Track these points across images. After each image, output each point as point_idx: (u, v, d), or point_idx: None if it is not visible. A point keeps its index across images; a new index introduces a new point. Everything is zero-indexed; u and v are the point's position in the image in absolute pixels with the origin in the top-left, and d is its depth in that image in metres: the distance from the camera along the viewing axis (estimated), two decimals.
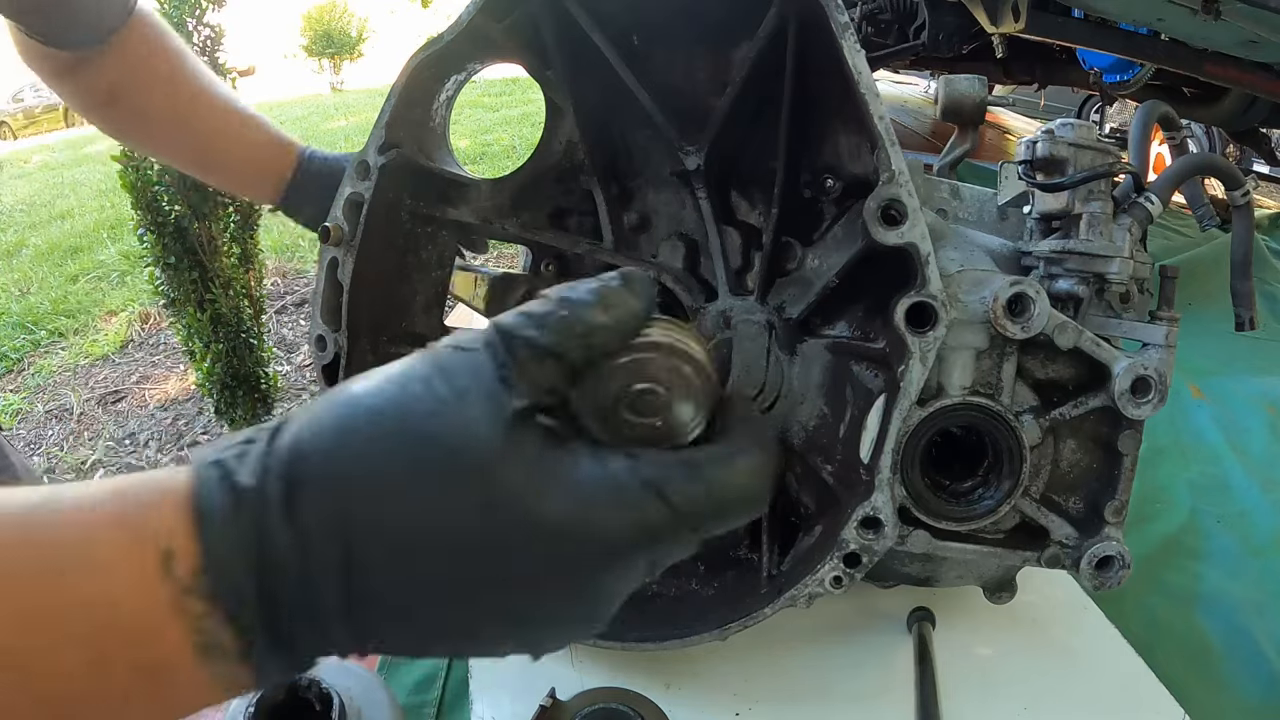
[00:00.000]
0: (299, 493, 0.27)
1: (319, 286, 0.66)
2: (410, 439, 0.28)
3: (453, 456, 0.28)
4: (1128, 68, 2.22)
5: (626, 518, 0.29)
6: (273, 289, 3.61)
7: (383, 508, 0.28)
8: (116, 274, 4.38)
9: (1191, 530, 0.89)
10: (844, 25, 0.52)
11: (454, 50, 0.63)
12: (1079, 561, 0.56)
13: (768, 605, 0.57)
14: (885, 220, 0.52)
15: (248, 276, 2.50)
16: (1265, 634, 0.75)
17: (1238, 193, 0.63)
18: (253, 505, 0.27)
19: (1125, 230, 0.56)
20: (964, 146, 0.71)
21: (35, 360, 3.59)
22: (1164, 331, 0.53)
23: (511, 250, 3.30)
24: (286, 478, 0.28)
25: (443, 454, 0.28)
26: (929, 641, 0.65)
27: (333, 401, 0.29)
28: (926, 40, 2.23)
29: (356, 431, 0.28)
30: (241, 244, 2.47)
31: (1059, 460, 0.58)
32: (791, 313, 0.67)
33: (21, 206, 6.13)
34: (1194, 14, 1.39)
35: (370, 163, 0.63)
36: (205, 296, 2.34)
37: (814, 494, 0.66)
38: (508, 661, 0.69)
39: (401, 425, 0.28)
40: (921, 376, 0.52)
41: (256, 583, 0.27)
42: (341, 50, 15.86)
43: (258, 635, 0.27)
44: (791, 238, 0.67)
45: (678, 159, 0.66)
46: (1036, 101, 4.15)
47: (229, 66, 2.41)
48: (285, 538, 0.27)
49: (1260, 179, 3.74)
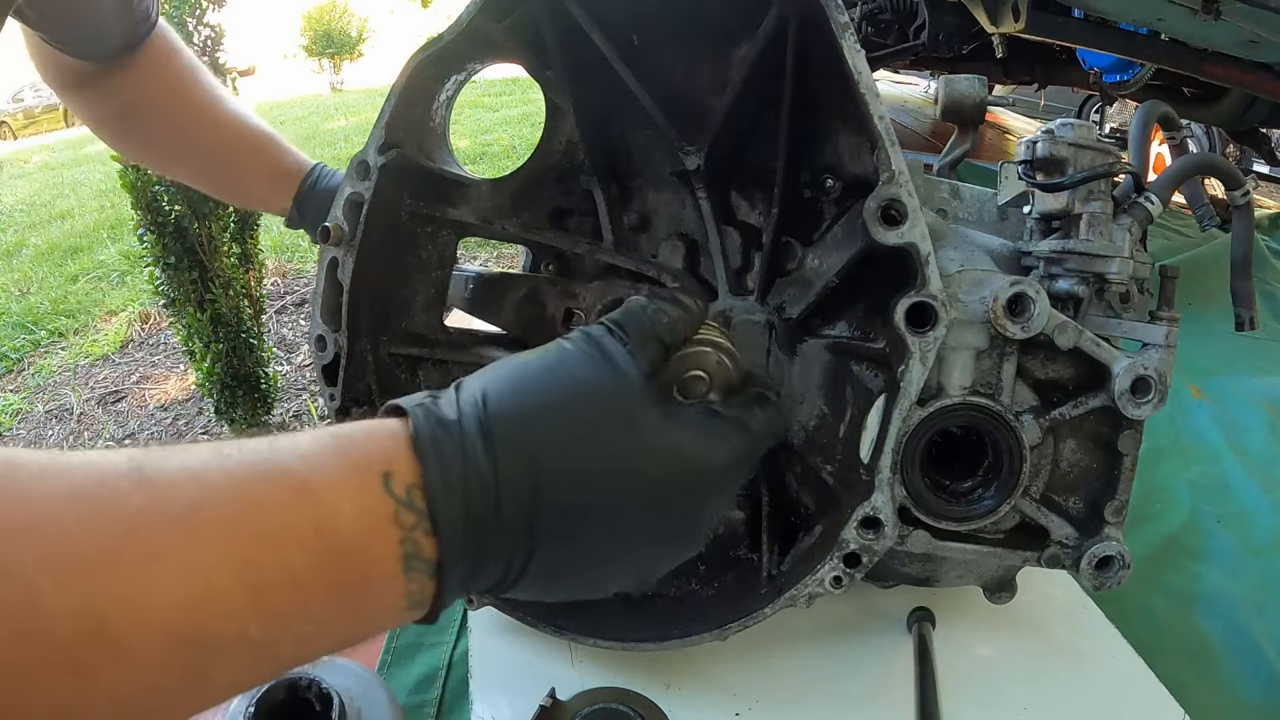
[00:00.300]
0: (493, 427, 0.33)
1: (319, 286, 0.66)
2: (578, 388, 0.37)
3: (612, 402, 0.37)
4: (1128, 68, 2.22)
5: (725, 444, 0.40)
6: (273, 289, 3.61)
7: (562, 441, 0.35)
8: (116, 274, 4.38)
9: (1191, 530, 0.89)
10: (844, 25, 0.52)
11: (454, 50, 0.62)
12: (1079, 561, 0.56)
13: (768, 605, 0.57)
14: (885, 220, 0.52)
15: (248, 276, 2.50)
16: (1265, 634, 0.75)
17: (1238, 193, 0.63)
18: (456, 436, 0.33)
19: (1125, 230, 0.55)
20: (964, 146, 0.71)
21: (35, 360, 3.59)
22: (1164, 331, 0.53)
23: (511, 250, 3.30)
24: (479, 417, 0.34)
25: (604, 400, 0.37)
26: (929, 641, 0.65)
27: (504, 365, 0.37)
28: (926, 40, 2.23)
29: (531, 383, 0.36)
30: (241, 244, 2.47)
31: (1059, 460, 0.58)
32: (791, 313, 0.67)
33: (21, 206, 6.13)
34: (1194, 14, 1.39)
35: (370, 163, 0.63)
36: (205, 296, 2.34)
37: (814, 494, 0.66)
38: (508, 661, 0.69)
39: (569, 378, 0.37)
40: (921, 376, 0.52)
41: (462, 499, 0.32)
42: (341, 50, 15.87)
43: (456, 548, 0.32)
44: (791, 238, 0.67)
45: (678, 159, 0.66)
46: (1036, 101, 4.15)
47: (229, 66, 2.41)
48: (486, 463, 0.33)
49: (1260, 179, 3.74)
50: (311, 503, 0.30)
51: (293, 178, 0.88)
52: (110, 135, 0.91)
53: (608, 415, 0.36)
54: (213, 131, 0.88)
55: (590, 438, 0.36)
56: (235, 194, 0.98)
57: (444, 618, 0.72)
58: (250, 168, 0.89)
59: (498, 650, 0.67)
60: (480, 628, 0.69)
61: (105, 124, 0.89)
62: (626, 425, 0.37)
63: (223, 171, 0.91)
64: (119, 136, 0.91)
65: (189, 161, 0.92)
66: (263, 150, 0.89)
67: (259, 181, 0.89)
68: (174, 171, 0.97)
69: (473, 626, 0.69)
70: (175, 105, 0.87)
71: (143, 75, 0.85)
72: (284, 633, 0.29)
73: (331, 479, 0.31)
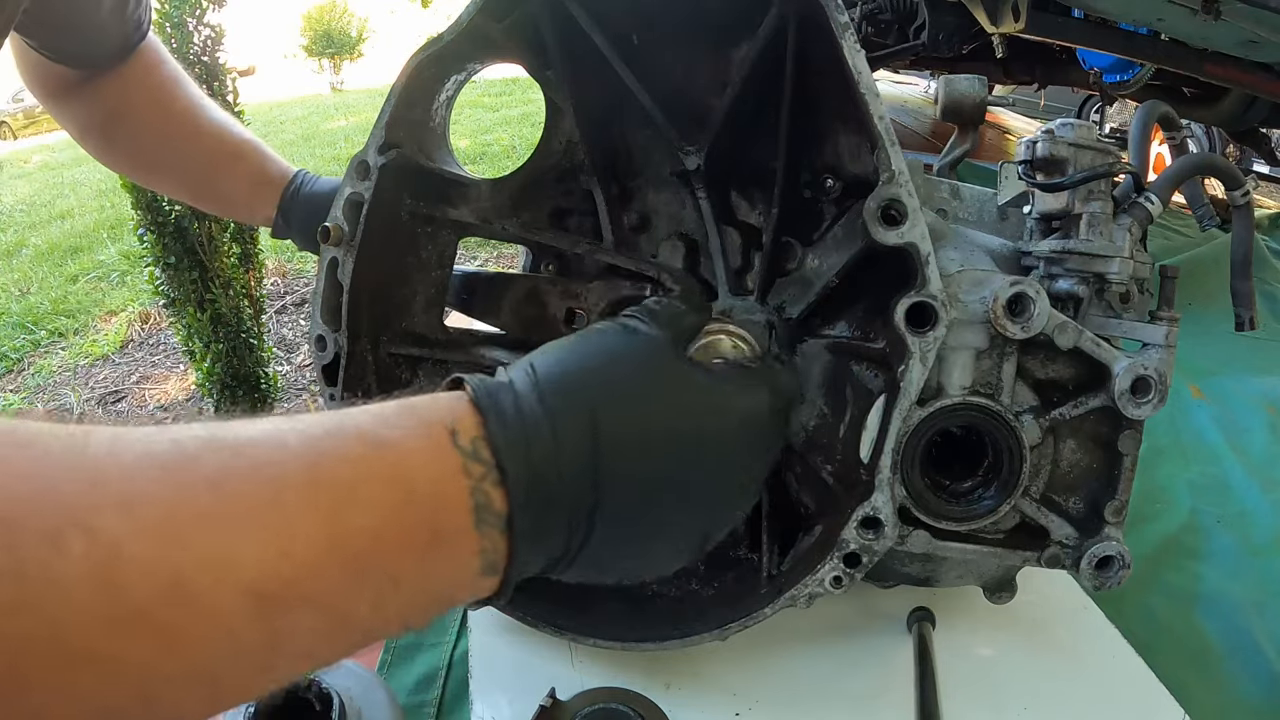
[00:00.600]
0: (545, 391, 0.36)
1: (319, 286, 0.66)
2: (619, 353, 0.40)
3: (652, 362, 0.40)
4: (1128, 68, 2.22)
5: (763, 390, 0.44)
6: (273, 289, 3.61)
7: (613, 399, 0.37)
8: (116, 274, 4.38)
9: (1191, 530, 0.89)
10: (844, 25, 0.52)
11: (454, 50, 0.62)
12: (1079, 561, 0.56)
13: (768, 605, 0.57)
14: (885, 220, 0.52)
15: (248, 276, 2.50)
16: (1265, 634, 0.75)
17: (1238, 193, 0.63)
18: (512, 397, 0.35)
19: (1125, 230, 0.55)
20: (964, 146, 0.71)
21: (35, 360, 3.59)
22: (1164, 331, 0.53)
23: (511, 250, 3.30)
24: (533, 382, 0.36)
25: (645, 360, 0.40)
26: (929, 641, 0.65)
27: (547, 346, 0.40)
28: (926, 40, 2.23)
29: (575, 354, 0.39)
30: (241, 244, 2.47)
31: (1059, 460, 0.58)
32: (791, 313, 0.67)
33: (21, 206, 6.13)
34: (1194, 14, 1.39)
35: (370, 163, 0.63)
36: (205, 296, 2.34)
37: (814, 494, 0.66)
38: (508, 661, 0.69)
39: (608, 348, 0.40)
40: (921, 376, 0.52)
41: (524, 453, 0.34)
42: (341, 50, 15.87)
43: (523, 500, 0.33)
44: (791, 238, 0.67)
45: (678, 159, 0.66)
46: (1036, 101, 4.15)
47: (229, 66, 2.40)
48: (544, 422, 0.35)
49: (1260, 179, 3.74)
50: (385, 455, 0.31)
51: (276, 185, 0.87)
52: (94, 144, 0.90)
53: (652, 374, 0.40)
54: (196, 140, 0.87)
55: (640, 397, 0.38)
56: (219, 203, 0.97)
57: (444, 618, 0.72)
58: (233, 174, 0.88)
59: (498, 650, 0.67)
60: (480, 628, 0.69)
61: (89, 133, 0.89)
62: (671, 381, 0.40)
63: (206, 179, 0.90)
64: (103, 145, 0.90)
65: (172, 169, 0.91)
66: (246, 157, 0.88)
67: (242, 188, 0.88)
68: (157, 181, 0.96)
69: (473, 626, 0.69)
70: (159, 113, 0.87)
71: (128, 83, 0.85)
72: (362, 591, 0.29)
73: (402, 434, 0.32)
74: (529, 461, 0.34)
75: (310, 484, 0.28)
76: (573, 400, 0.36)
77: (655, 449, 0.38)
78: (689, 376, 0.41)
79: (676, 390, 0.40)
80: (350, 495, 0.29)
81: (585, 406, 0.36)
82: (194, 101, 0.88)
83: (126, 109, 0.86)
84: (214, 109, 0.89)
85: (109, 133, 0.88)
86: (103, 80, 0.84)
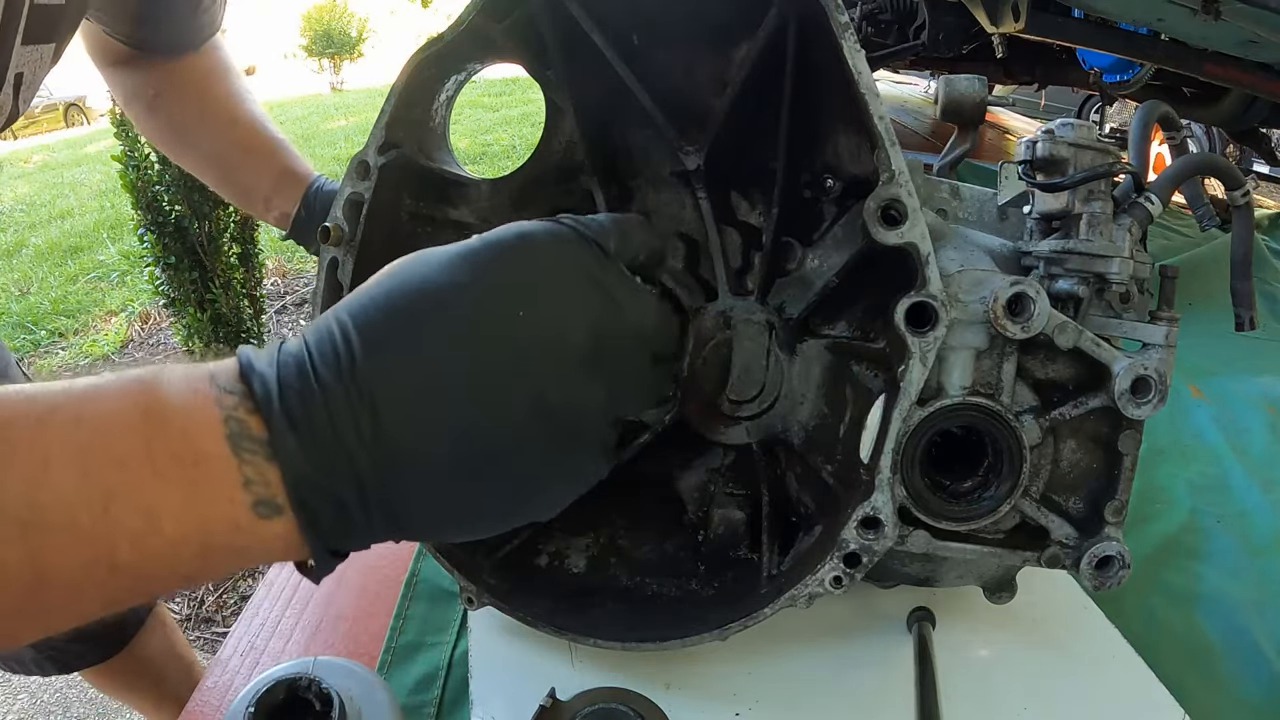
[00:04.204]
0: (311, 328, 0.36)
1: (319, 286, 0.66)
2: (407, 269, 0.38)
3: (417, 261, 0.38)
4: (1128, 68, 2.21)
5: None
6: (273, 289, 3.61)
7: (375, 292, 0.36)
8: (116, 274, 4.39)
9: (1191, 530, 0.89)
10: (844, 25, 0.52)
11: (454, 50, 0.62)
12: (1079, 561, 0.56)
13: (768, 605, 0.57)
14: (885, 220, 0.52)
15: (248, 276, 2.50)
16: (1265, 634, 0.75)
17: (1238, 193, 0.63)
18: (277, 342, 0.35)
19: (1125, 230, 0.55)
20: (964, 146, 0.71)
21: (35, 360, 3.59)
22: (1164, 331, 0.53)
23: None
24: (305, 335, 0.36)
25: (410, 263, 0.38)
26: (929, 641, 0.65)
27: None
28: (926, 40, 2.23)
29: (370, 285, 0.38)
30: (241, 244, 2.47)
31: (1059, 460, 0.58)
32: (791, 313, 0.67)
33: (21, 206, 6.13)
34: (1194, 14, 1.38)
35: (370, 163, 0.63)
36: (205, 296, 2.34)
37: (814, 494, 0.66)
38: (508, 661, 0.69)
39: (401, 270, 0.38)
40: (921, 376, 0.52)
41: (276, 372, 0.33)
42: (341, 50, 15.87)
43: (281, 415, 0.32)
44: (791, 238, 0.67)
45: (678, 159, 0.66)
46: (1036, 101, 4.15)
47: None
48: (297, 344, 0.35)
49: (1260, 179, 3.74)
50: (143, 394, 0.32)
51: (300, 181, 0.91)
52: (136, 112, 0.95)
53: (408, 267, 0.38)
54: (231, 128, 0.91)
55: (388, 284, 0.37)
56: (238, 192, 1.00)
57: (444, 618, 0.72)
58: (259, 167, 0.92)
59: (498, 650, 0.67)
60: (480, 628, 0.69)
61: (134, 101, 0.94)
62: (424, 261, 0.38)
63: (233, 166, 0.94)
64: (144, 114, 0.95)
65: (203, 152, 0.96)
66: (275, 153, 0.93)
67: (266, 181, 0.92)
68: (188, 159, 1.00)
69: (472, 626, 0.70)
70: (203, 96, 0.92)
71: (183, 66, 0.90)
72: (118, 524, 0.30)
73: (166, 379, 0.33)
74: (279, 378, 0.33)
75: (74, 420, 0.30)
76: (335, 315, 0.35)
77: (417, 339, 0.34)
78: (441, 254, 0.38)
79: (437, 272, 0.37)
80: (103, 430, 0.31)
81: (340, 313, 0.35)
82: (236, 91, 0.93)
83: (174, 88, 0.91)
84: (254, 104, 0.94)
85: (153, 105, 0.93)
86: (161, 58, 0.87)
